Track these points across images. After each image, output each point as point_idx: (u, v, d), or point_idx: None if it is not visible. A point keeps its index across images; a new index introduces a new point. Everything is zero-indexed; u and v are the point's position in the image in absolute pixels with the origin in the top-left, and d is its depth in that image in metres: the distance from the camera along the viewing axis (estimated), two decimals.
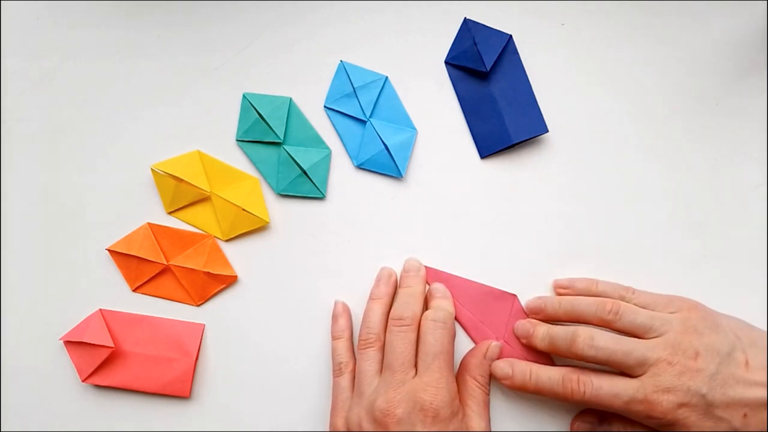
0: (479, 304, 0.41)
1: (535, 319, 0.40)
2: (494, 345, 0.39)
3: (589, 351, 0.35)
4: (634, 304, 0.37)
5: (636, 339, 0.36)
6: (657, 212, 0.41)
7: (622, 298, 0.38)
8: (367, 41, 0.44)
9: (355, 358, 0.40)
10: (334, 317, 0.41)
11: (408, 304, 0.38)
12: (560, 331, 0.37)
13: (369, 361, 0.37)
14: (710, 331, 0.35)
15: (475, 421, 0.36)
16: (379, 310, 0.39)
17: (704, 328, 0.35)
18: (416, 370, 0.36)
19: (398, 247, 0.42)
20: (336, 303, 0.41)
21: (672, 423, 0.34)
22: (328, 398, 0.41)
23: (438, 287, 0.40)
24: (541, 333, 0.38)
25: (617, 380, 0.35)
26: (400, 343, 0.36)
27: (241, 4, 0.44)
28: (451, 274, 0.41)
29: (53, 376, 0.42)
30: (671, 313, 0.37)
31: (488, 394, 0.38)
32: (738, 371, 0.34)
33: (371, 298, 0.40)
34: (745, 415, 0.34)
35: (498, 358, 0.39)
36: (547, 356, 0.40)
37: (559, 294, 0.40)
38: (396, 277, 0.41)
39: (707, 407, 0.34)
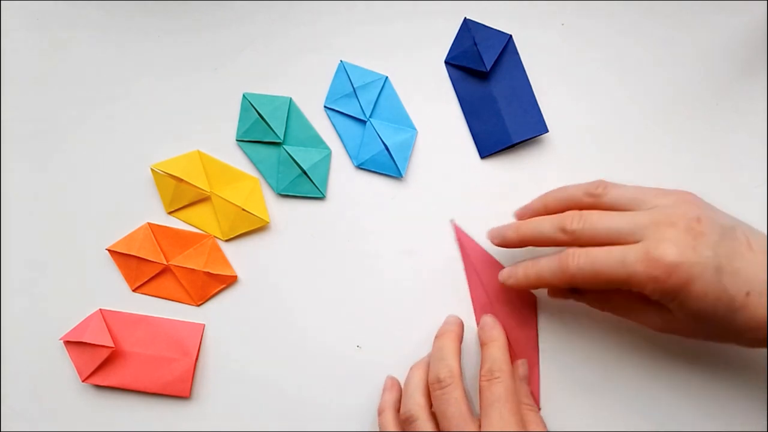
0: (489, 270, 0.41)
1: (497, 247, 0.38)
2: (521, 363, 0.39)
3: (578, 224, 0.33)
4: (607, 202, 0.34)
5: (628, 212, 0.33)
6: None
7: (594, 196, 0.35)
8: (367, 41, 0.44)
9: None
10: (384, 390, 0.39)
11: (441, 360, 0.36)
12: (544, 259, 0.35)
13: None
14: (709, 208, 0.33)
15: None
16: (416, 378, 0.37)
17: (702, 207, 0.33)
18: (478, 420, 0.34)
19: (398, 247, 0.42)
20: (387, 378, 0.40)
21: (678, 287, 0.31)
22: (328, 398, 0.41)
23: (485, 326, 0.38)
24: (523, 269, 0.36)
25: (614, 247, 0.32)
26: (448, 407, 0.34)
27: (241, 4, 0.44)
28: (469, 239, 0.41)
29: (53, 376, 0.42)
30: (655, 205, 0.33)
31: (540, 410, 0.38)
32: (741, 248, 0.31)
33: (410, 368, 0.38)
34: (747, 294, 0.30)
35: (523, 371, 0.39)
36: (532, 319, 0.40)
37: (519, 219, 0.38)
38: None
39: (715, 270, 0.30)
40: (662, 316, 0.34)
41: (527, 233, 0.36)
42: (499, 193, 0.42)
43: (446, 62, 0.43)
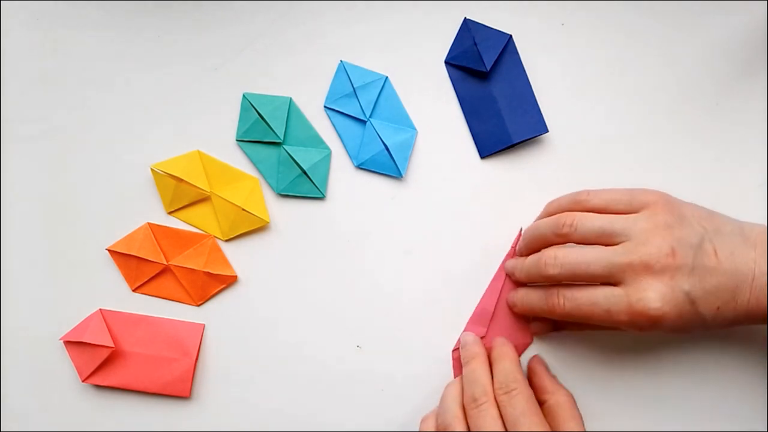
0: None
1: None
2: (535, 359, 0.40)
3: (554, 269, 0.35)
4: (592, 207, 0.36)
5: (602, 247, 0.34)
6: None
7: (579, 203, 0.37)
8: (367, 41, 0.44)
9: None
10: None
11: (475, 381, 0.36)
12: (529, 259, 0.37)
13: None
14: (679, 225, 0.34)
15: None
16: (453, 392, 0.37)
17: (673, 222, 0.34)
18: None
19: (398, 248, 0.42)
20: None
21: (655, 326, 0.33)
22: (328, 398, 0.41)
23: (496, 344, 0.38)
24: (519, 266, 0.38)
25: (598, 289, 0.34)
26: (484, 424, 0.34)
27: (241, 4, 0.44)
28: None
29: (53, 376, 0.42)
30: (636, 212, 0.35)
31: (569, 393, 0.37)
32: (710, 262, 0.33)
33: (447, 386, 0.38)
34: (718, 308, 0.33)
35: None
36: (526, 322, 0.41)
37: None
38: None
39: (691, 305, 0.33)
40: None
41: (520, 278, 0.39)
42: (499, 193, 0.42)
43: (446, 62, 0.43)
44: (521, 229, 0.41)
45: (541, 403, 0.36)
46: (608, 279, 0.34)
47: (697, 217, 0.35)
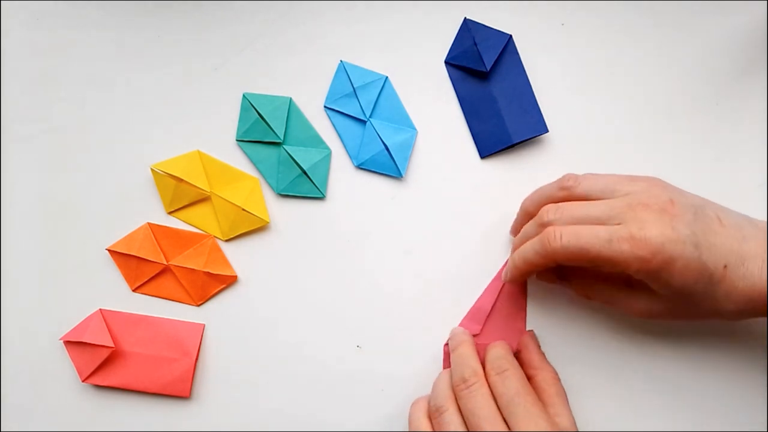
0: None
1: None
2: (528, 334, 0.39)
3: (554, 215, 0.34)
4: (579, 193, 0.35)
5: (603, 200, 0.34)
6: None
7: (567, 189, 0.36)
8: (367, 41, 0.44)
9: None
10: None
11: (464, 363, 0.36)
12: (527, 243, 0.35)
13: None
14: (677, 191, 0.34)
15: (566, 417, 0.35)
16: (444, 378, 0.37)
17: (670, 187, 0.34)
18: (505, 421, 0.33)
19: (398, 248, 0.42)
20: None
21: (661, 266, 0.31)
22: (328, 398, 0.41)
23: (455, 333, 0.39)
24: (512, 260, 0.37)
25: (598, 226, 0.33)
26: (475, 403, 0.34)
27: (241, 4, 0.44)
28: None
29: (53, 376, 0.42)
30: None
31: (555, 371, 0.37)
32: (714, 224, 0.33)
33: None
34: (725, 266, 0.32)
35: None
36: (522, 323, 0.41)
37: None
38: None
39: (695, 247, 0.31)
40: (646, 299, 0.35)
41: (519, 239, 0.37)
42: (499, 193, 0.42)
43: (446, 62, 0.43)
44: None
45: (528, 378, 0.36)
46: (609, 222, 0.33)
47: (697, 196, 0.35)
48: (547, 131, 0.42)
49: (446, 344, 0.41)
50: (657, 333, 0.40)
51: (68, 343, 0.41)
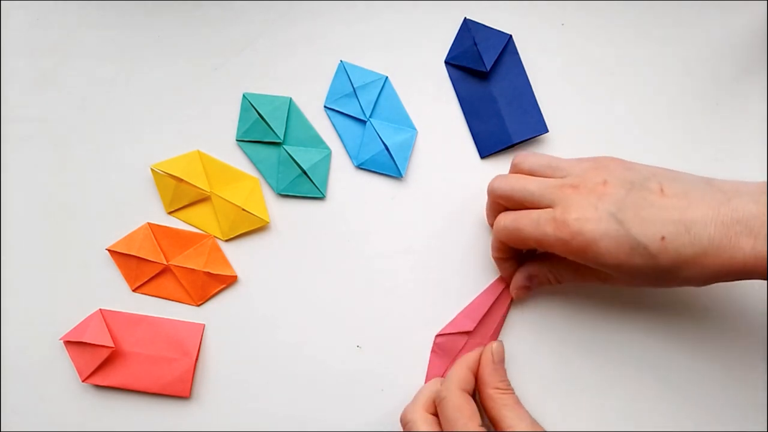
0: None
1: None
2: (496, 345, 0.38)
3: (499, 183, 0.36)
4: (525, 169, 0.37)
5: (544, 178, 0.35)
6: None
7: (515, 165, 0.38)
8: (367, 41, 0.44)
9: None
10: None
11: (445, 381, 0.37)
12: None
13: None
14: (622, 169, 0.34)
15: (519, 425, 0.35)
16: (424, 389, 0.39)
17: (616, 166, 0.34)
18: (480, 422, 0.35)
19: (398, 248, 0.42)
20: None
21: (584, 247, 0.32)
22: (328, 398, 0.41)
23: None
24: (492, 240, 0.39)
25: (533, 211, 0.35)
26: (446, 409, 0.35)
27: (241, 4, 0.44)
28: None
29: (53, 376, 0.42)
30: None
31: (514, 392, 0.37)
32: (651, 196, 0.32)
33: None
34: (663, 238, 0.31)
35: (499, 353, 0.38)
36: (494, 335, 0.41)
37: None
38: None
39: (619, 224, 0.31)
40: (601, 275, 0.36)
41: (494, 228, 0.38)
42: None
43: (446, 62, 0.43)
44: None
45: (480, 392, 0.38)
46: (541, 200, 0.34)
47: (650, 168, 0.34)
48: (547, 131, 0.42)
49: (439, 335, 0.41)
50: (657, 333, 0.40)
51: (68, 343, 0.41)
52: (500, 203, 0.37)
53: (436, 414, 0.36)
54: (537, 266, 0.39)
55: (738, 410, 0.40)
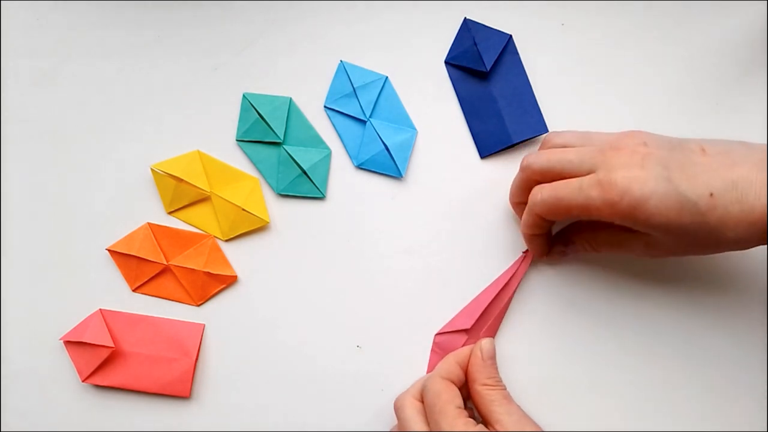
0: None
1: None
2: (486, 341, 0.38)
3: (535, 158, 0.36)
4: (559, 143, 0.37)
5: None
6: None
7: (547, 142, 0.37)
8: (367, 41, 0.44)
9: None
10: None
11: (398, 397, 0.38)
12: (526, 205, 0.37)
13: None
14: (656, 135, 0.34)
15: (508, 420, 0.35)
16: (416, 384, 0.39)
17: (649, 133, 0.34)
18: (463, 413, 0.35)
19: (398, 248, 0.42)
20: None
21: (633, 206, 0.31)
22: (328, 398, 0.41)
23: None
24: (521, 228, 0.39)
25: (572, 179, 0.34)
26: (428, 397, 0.36)
27: (241, 4, 0.44)
28: None
29: (53, 376, 0.42)
30: None
31: (505, 388, 0.37)
32: (694, 156, 0.32)
33: None
34: (711, 195, 0.31)
35: (491, 350, 0.38)
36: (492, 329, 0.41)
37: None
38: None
39: (667, 181, 0.31)
40: (645, 241, 0.35)
41: (520, 204, 0.38)
42: (499, 193, 0.42)
43: (446, 62, 0.43)
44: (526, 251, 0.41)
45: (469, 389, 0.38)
46: (581, 167, 0.34)
47: (684, 138, 0.34)
48: (547, 131, 0.42)
49: (438, 333, 0.41)
50: (656, 333, 0.40)
51: (68, 343, 0.41)
52: (534, 179, 0.36)
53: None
54: (575, 233, 0.39)
55: (738, 410, 0.40)
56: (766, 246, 0.33)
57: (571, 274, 0.41)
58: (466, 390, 0.38)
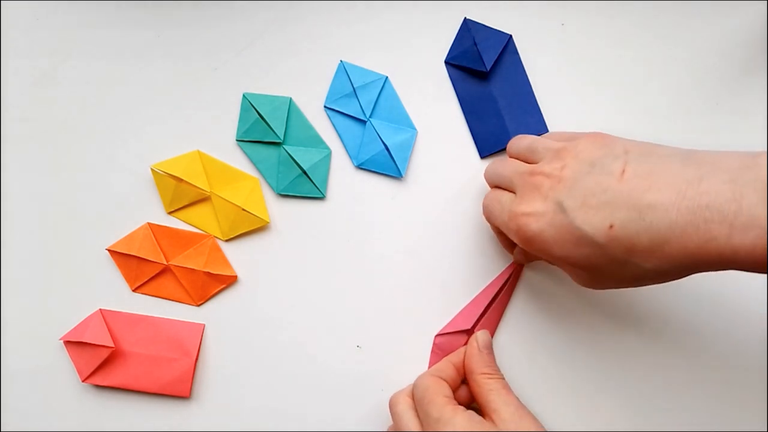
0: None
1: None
2: (481, 333, 0.38)
3: (486, 172, 0.38)
4: (513, 153, 0.37)
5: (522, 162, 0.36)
6: None
7: (506, 149, 0.38)
8: (367, 41, 0.44)
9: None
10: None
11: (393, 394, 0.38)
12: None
13: None
14: (594, 147, 0.31)
15: (505, 410, 0.34)
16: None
17: (588, 144, 0.32)
18: (450, 402, 0.35)
19: (398, 248, 0.42)
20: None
21: (530, 238, 0.31)
22: (328, 398, 0.41)
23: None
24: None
25: (504, 193, 0.35)
26: (417, 391, 0.36)
27: (241, 4, 0.44)
28: None
29: (53, 376, 0.42)
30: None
31: (503, 378, 0.37)
32: (608, 180, 0.30)
33: None
34: (611, 226, 0.29)
35: (487, 341, 0.39)
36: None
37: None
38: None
39: (563, 215, 0.30)
40: (568, 272, 0.34)
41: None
42: None
43: (446, 62, 0.43)
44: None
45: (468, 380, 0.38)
46: (510, 186, 0.35)
47: (627, 144, 0.31)
48: (547, 131, 0.42)
49: (438, 335, 0.41)
50: (656, 332, 0.40)
51: (68, 343, 0.41)
52: (492, 187, 0.38)
53: None
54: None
55: (738, 410, 0.40)
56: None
57: None
58: (461, 392, 0.38)
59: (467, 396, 0.38)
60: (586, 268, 0.31)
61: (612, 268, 0.30)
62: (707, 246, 0.27)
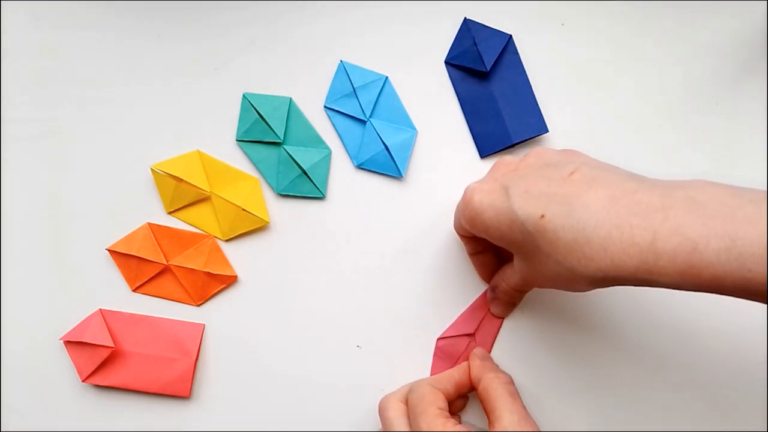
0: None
1: None
2: (478, 350, 0.39)
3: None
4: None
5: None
6: None
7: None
8: (367, 41, 0.44)
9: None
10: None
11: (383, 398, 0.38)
12: None
13: None
14: (557, 155, 0.33)
15: (509, 419, 0.34)
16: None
17: (556, 152, 0.34)
18: (441, 413, 0.35)
19: (398, 248, 0.42)
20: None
21: (473, 216, 0.33)
22: (328, 398, 0.41)
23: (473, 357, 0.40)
24: None
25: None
26: (411, 398, 0.37)
27: (241, 4, 0.44)
28: None
29: (53, 376, 0.42)
30: None
31: (511, 382, 0.37)
32: (556, 176, 0.30)
33: None
34: (542, 216, 0.29)
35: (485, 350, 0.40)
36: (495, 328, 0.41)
37: None
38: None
39: (505, 197, 0.31)
40: (510, 269, 0.36)
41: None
42: None
43: (446, 62, 0.43)
44: None
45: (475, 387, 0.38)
46: None
47: (589, 159, 0.32)
48: (547, 131, 0.42)
49: (440, 338, 0.41)
50: (656, 333, 0.40)
51: (68, 343, 0.41)
52: None
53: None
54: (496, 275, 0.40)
55: (738, 410, 0.40)
56: None
57: None
58: (457, 404, 0.39)
59: (461, 408, 0.40)
60: (520, 255, 0.33)
61: (540, 259, 0.31)
62: (629, 251, 0.27)
